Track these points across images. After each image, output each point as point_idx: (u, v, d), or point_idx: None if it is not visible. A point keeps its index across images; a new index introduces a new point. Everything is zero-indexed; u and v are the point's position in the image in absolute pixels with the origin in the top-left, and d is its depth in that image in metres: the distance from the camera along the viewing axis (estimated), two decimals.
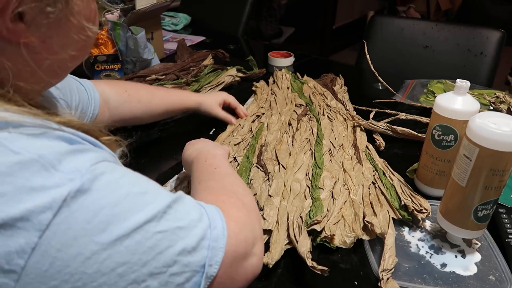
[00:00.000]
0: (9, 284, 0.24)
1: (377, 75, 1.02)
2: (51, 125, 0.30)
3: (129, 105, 0.74)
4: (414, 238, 0.58)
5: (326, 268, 0.48)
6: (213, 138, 0.82)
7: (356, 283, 0.51)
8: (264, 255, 0.51)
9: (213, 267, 0.33)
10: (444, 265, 0.53)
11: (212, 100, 0.85)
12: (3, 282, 0.24)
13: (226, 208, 0.38)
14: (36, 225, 0.25)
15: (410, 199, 0.61)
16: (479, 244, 0.57)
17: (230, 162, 0.72)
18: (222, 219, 0.35)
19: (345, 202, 0.62)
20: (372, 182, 0.67)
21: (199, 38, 1.48)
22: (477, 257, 0.55)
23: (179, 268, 0.30)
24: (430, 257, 0.55)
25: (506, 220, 0.59)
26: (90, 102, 0.67)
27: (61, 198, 0.26)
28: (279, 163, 0.71)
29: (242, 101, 0.99)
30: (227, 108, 0.89)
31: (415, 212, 0.59)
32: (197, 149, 0.60)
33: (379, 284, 0.49)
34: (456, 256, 0.55)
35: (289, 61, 1.22)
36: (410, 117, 0.88)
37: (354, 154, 0.75)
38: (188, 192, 0.43)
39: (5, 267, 0.24)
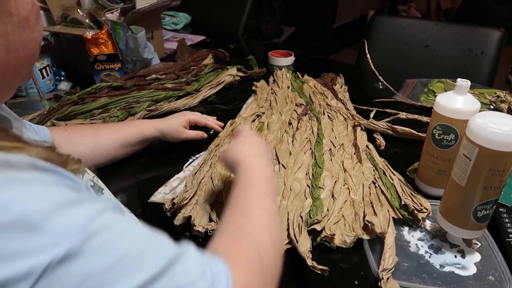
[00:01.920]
0: None
1: (377, 74, 1.02)
2: (36, 162, 0.27)
3: (71, 142, 0.66)
4: (413, 238, 0.58)
5: (326, 268, 0.48)
6: (212, 138, 0.82)
7: (356, 282, 0.52)
8: None
9: None
10: (443, 265, 0.53)
11: (175, 125, 0.75)
12: None
13: (237, 268, 0.35)
14: None
15: (410, 199, 0.61)
16: (479, 244, 0.56)
17: None
18: (228, 281, 0.32)
19: (345, 201, 0.62)
20: (373, 181, 0.67)
21: (199, 38, 1.48)
22: (477, 257, 0.55)
23: None
24: (430, 257, 0.55)
25: (507, 220, 0.59)
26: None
27: (43, 265, 0.23)
28: (279, 163, 0.71)
29: (242, 101, 0.99)
30: (194, 127, 0.81)
31: (415, 211, 0.59)
32: (253, 153, 0.54)
33: (379, 283, 0.49)
34: (455, 256, 0.55)
35: (289, 60, 1.22)
36: (411, 116, 0.88)
37: (354, 154, 0.75)
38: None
39: None
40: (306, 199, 0.62)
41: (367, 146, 0.78)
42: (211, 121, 0.82)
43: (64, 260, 0.24)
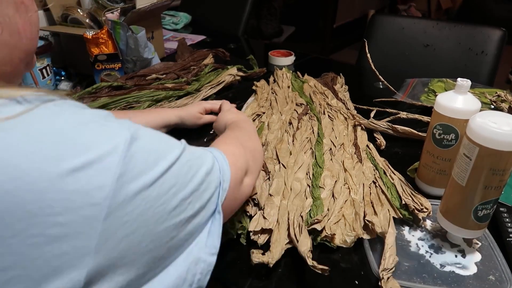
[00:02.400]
0: (97, 216, 0.29)
1: (377, 74, 1.02)
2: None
3: None
4: (414, 238, 0.58)
5: (326, 268, 0.48)
6: (213, 137, 0.82)
7: (356, 282, 0.51)
8: (265, 254, 0.51)
9: (226, 182, 0.43)
10: (443, 264, 0.53)
11: (194, 111, 0.84)
12: (92, 214, 0.29)
13: (225, 147, 0.50)
14: (108, 165, 0.30)
15: (410, 198, 0.61)
16: (480, 243, 0.56)
17: None
18: (220, 152, 0.46)
19: (345, 201, 0.62)
20: (373, 181, 0.67)
21: (199, 37, 1.47)
22: (477, 256, 0.55)
23: (206, 185, 0.39)
24: (430, 257, 0.55)
25: (507, 220, 0.59)
26: None
27: (121, 143, 0.31)
28: (279, 162, 0.71)
29: (243, 100, 0.99)
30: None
31: (416, 211, 0.59)
32: (236, 117, 0.70)
33: (379, 283, 0.49)
34: (456, 256, 0.55)
35: (290, 60, 1.22)
36: (411, 116, 0.88)
37: (354, 153, 0.74)
38: None
39: (91, 201, 0.29)
40: (307, 198, 0.62)
41: (367, 145, 0.78)
42: (224, 101, 0.90)
43: (132, 141, 0.32)
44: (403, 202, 0.61)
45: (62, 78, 1.08)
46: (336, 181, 0.66)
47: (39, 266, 0.27)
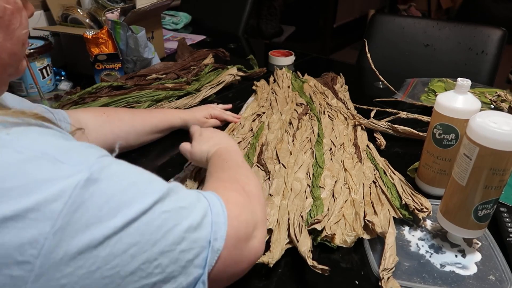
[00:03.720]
0: (25, 276, 0.24)
1: (378, 74, 1.02)
2: (35, 122, 0.31)
3: (110, 125, 0.72)
4: (414, 238, 0.58)
5: (326, 268, 0.48)
6: None
7: (356, 282, 0.51)
8: (265, 254, 0.51)
9: (218, 241, 0.35)
10: (443, 264, 0.53)
11: (199, 116, 0.84)
12: (19, 275, 0.24)
13: (226, 193, 0.41)
14: (48, 215, 0.25)
15: (411, 198, 0.61)
16: (480, 243, 0.56)
17: None
18: (220, 201, 0.38)
19: (345, 201, 0.62)
20: (373, 181, 0.67)
21: (199, 37, 1.47)
22: (478, 256, 0.54)
23: (187, 245, 0.32)
24: (430, 257, 0.54)
25: (507, 219, 0.59)
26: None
27: (70, 187, 0.26)
28: (279, 162, 0.71)
29: (243, 100, 0.99)
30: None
31: (416, 211, 0.59)
32: (214, 144, 0.61)
33: (379, 283, 0.49)
34: (456, 256, 0.55)
35: (290, 60, 1.22)
36: (411, 116, 0.88)
37: (354, 153, 0.74)
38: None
39: (19, 259, 0.24)
40: (307, 198, 0.62)
41: (367, 145, 0.78)
42: (229, 115, 0.88)
43: (87, 184, 0.27)
44: (403, 202, 0.61)
45: (62, 78, 1.08)
46: (336, 181, 0.66)
47: None
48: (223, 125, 0.88)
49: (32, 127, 0.30)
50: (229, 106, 0.91)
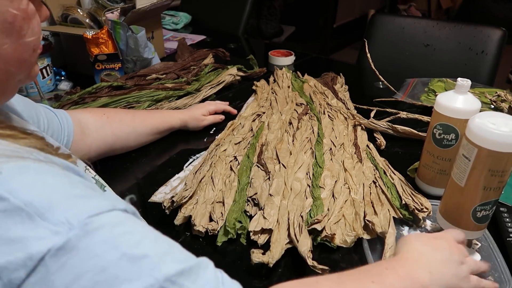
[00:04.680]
0: None
1: (378, 73, 1.02)
2: (38, 155, 0.28)
3: (110, 126, 0.72)
4: None
5: (326, 268, 0.48)
6: (213, 137, 0.82)
7: None
8: (265, 254, 0.51)
9: None
10: None
11: (197, 114, 0.85)
12: None
13: None
14: (6, 284, 0.22)
15: (411, 198, 0.61)
16: (479, 244, 0.56)
17: (231, 161, 0.72)
18: None
19: (345, 201, 0.62)
20: (373, 181, 0.67)
21: (199, 37, 1.47)
22: (477, 257, 0.54)
23: None
24: None
25: (507, 219, 0.59)
26: (63, 128, 0.62)
27: (38, 255, 0.23)
28: (279, 162, 0.71)
29: (243, 100, 0.99)
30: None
31: (416, 211, 0.59)
32: (423, 253, 0.42)
33: None
34: None
35: (290, 60, 1.22)
36: (411, 116, 0.88)
37: (354, 153, 0.75)
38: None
39: None
40: (307, 198, 0.62)
41: (367, 145, 0.78)
42: (226, 107, 0.90)
43: (60, 252, 0.23)
44: (403, 202, 0.61)
45: (62, 78, 1.08)
46: (336, 181, 0.66)
47: None
48: (223, 123, 0.88)
49: (32, 164, 0.27)
50: (226, 103, 0.92)
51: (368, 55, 1.02)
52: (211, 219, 0.60)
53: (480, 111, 0.53)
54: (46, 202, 0.24)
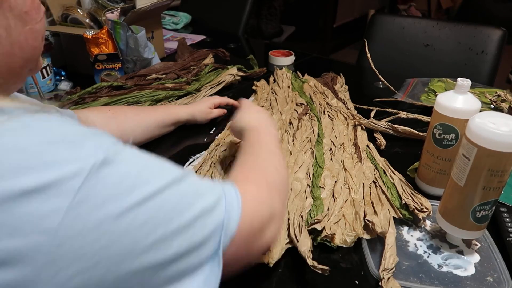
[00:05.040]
0: (47, 243, 0.26)
1: (378, 73, 1.02)
2: (55, 111, 0.34)
3: (116, 121, 0.73)
4: (412, 238, 0.58)
5: (326, 268, 0.48)
6: (213, 137, 0.82)
7: (356, 282, 0.52)
8: (265, 254, 0.51)
9: (231, 228, 0.36)
10: (441, 265, 0.53)
11: (204, 107, 0.86)
12: (42, 240, 0.26)
13: (245, 185, 0.42)
14: (67, 190, 0.27)
15: (411, 198, 0.61)
16: (479, 245, 0.56)
17: (231, 161, 0.72)
18: (236, 192, 0.39)
19: (345, 201, 0.62)
20: (373, 181, 0.67)
21: (199, 37, 1.47)
22: (476, 258, 0.54)
23: (200, 227, 0.33)
24: (428, 257, 0.55)
25: (507, 219, 0.59)
26: None
27: (88, 167, 0.28)
28: None
29: None
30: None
31: (416, 211, 0.59)
32: (257, 119, 0.63)
33: (379, 283, 0.49)
34: (454, 257, 0.55)
35: (290, 60, 1.22)
36: (411, 116, 0.88)
37: (354, 153, 0.75)
38: None
39: (41, 227, 0.26)
40: (307, 198, 0.62)
41: (367, 145, 0.78)
42: (229, 100, 0.91)
43: (103, 165, 0.29)
44: (403, 202, 0.61)
45: (62, 78, 1.08)
46: (336, 181, 0.66)
47: None
48: (223, 122, 0.88)
49: (53, 115, 0.31)
50: (226, 98, 0.92)
51: (368, 55, 1.02)
52: None
53: (480, 111, 0.53)
54: (78, 134, 0.30)
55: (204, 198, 0.35)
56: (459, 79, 0.59)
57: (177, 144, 0.82)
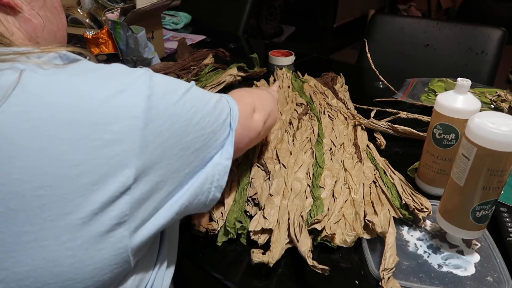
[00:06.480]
0: (138, 125, 0.36)
1: (378, 73, 1.02)
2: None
3: None
4: (412, 238, 0.58)
5: (326, 268, 0.48)
6: None
7: (356, 282, 0.52)
8: (265, 254, 0.52)
9: (234, 110, 0.51)
10: (441, 265, 0.53)
11: None
12: (134, 124, 0.36)
13: (234, 93, 0.59)
14: (140, 87, 0.37)
15: (411, 198, 0.61)
16: (479, 245, 0.56)
17: None
18: (228, 95, 0.55)
19: (345, 201, 0.62)
20: (373, 181, 0.67)
21: (199, 37, 1.48)
22: (476, 257, 0.54)
23: (220, 110, 0.47)
24: (428, 257, 0.55)
25: (507, 219, 0.59)
26: None
27: (145, 74, 0.39)
28: (279, 162, 0.71)
29: None
30: None
31: (416, 211, 0.59)
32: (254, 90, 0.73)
33: (380, 283, 0.49)
34: (454, 257, 0.55)
35: (290, 60, 1.22)
36: (411, 115, 0.88)
37: (354, 153, 0.75)
38: None
39: (132, 114, 0.36)
40: (307, 198, 0.62)
41: (367, 145, 0.78)
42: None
43: (151, 76, 0.40)
44: (403, 202, 0.61)
45: None
46: (336, 181, 0.66)
47: (101, 164, 0.34)
48: None
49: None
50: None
51: (368, 55, 1.02)
52: (211, 219, 0.60)
53: (480, 111, 0.53)
54: (123, 67, 0.40)
55: (212, 94, 0.48)
56: (459, 79, 0.59)
57: None
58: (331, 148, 0.76)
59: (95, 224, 0.34)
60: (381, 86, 1.07)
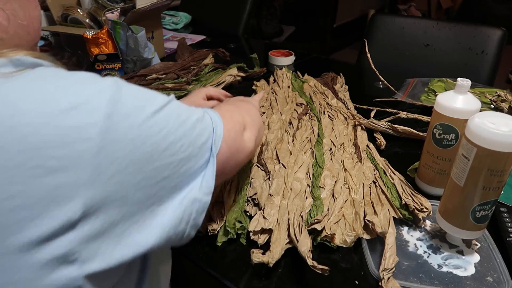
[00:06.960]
0: (90, 149, 0.31)
1: (377, 73, 1.02)
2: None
3: None
4: (412, 238, 0.58)
5: (326, 268, 0.48)
6: None
7: (356, 282, 0.52)
8: (265, 254, 0.52)
9: (219, 129, 0.45)
10: (441, 265, 0.53)
11: (196, 99, 0.84)
12: (86, 148, 0.31)
13: (216, 108, 0.52)
14: (98, 105, 0.32)
15: (411, 198, 0.61)
16: (479, 245, 0.56)
17: None
18: (214, 111, 0.48)
19: (345, 201, 0.62)
20: (373, 181, 0.67)
21: (199, 37, 1.48)
22: (476, 258, 0.54)
23: (199, 131, 0.41)
24: (428, 257, 0.55)
25: (507, 219, 0.59)
26: None
27: (109, 86, 0.34)
28: (279, 162, 0.71)
29: None
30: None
31: (416, 211, 0.59)
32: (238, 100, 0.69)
33: (379, 283, 0.49)
34: (454, 257, 0.55)
35: (290, 60, 1.22)
36: (411, 116, 0.88)
37: (354, 153, 0.75)
38: None
39: (84, 136, 0.31)
40: (307, 198, 0.62)
41: (367, 145, 0.78)
42: (224, 93, 0.89)
43: (118, 88, 0.35)
44: (403, 202, 0.61)
45: None
46: (336, 181, 0.66)
47: (40, 196, 0.30)
48: None
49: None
50: (220, 89, 0.90)
51: (368, 55, 1.02)
52: (211, 219, 0.60)
53: (480, 111, 0.53)
54: (86, 73, 0.37)
55: (194, 111, 0.42)
56: (459, 79, 0.59)
57: None
58: (331, 148, 0.76)
59: (31, 264, 0.30)
60: (381, 86, 1.07)
